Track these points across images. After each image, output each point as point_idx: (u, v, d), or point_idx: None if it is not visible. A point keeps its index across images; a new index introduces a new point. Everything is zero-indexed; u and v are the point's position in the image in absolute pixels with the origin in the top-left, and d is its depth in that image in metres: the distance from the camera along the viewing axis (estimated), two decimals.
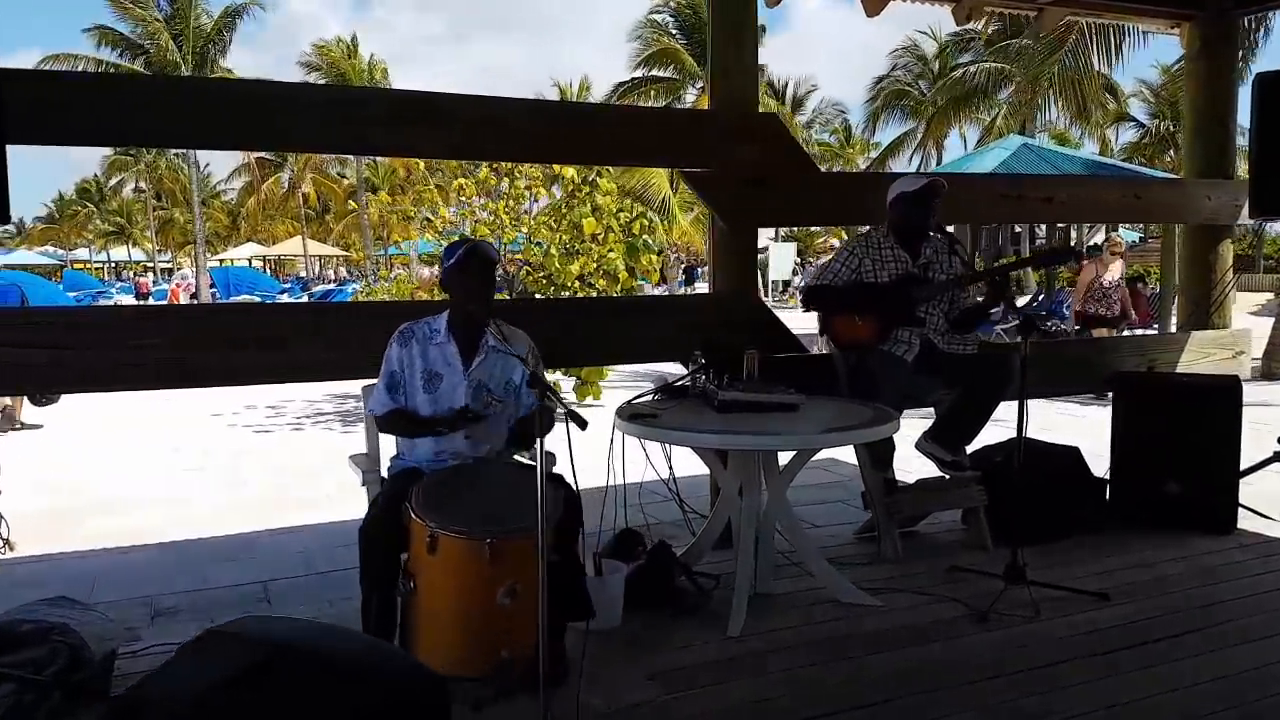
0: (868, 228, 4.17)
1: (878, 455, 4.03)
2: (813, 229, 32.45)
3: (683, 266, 33.65)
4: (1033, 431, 6.36)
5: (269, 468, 7.40)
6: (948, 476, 4.18)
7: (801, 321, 4.62)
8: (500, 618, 2.53)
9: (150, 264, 53.56)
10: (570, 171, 8.39)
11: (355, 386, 3.64)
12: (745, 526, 3.45)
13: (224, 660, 1.39)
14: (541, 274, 8.32)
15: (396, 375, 3.01)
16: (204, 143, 3.61)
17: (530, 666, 2.62)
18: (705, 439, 3.33)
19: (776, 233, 34.48)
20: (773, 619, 3.37)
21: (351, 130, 3.46)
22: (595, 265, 8.28)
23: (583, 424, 2.24)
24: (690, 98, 30.69)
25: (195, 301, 26.71)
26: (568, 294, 7.97)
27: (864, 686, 2.89)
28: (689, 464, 3.88)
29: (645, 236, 8.24)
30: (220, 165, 53.19)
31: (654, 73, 30.78)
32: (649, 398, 3.83)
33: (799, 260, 32.40)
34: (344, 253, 45.49)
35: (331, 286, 24.60)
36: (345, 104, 3.64)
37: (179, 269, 45.49)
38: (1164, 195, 5.41)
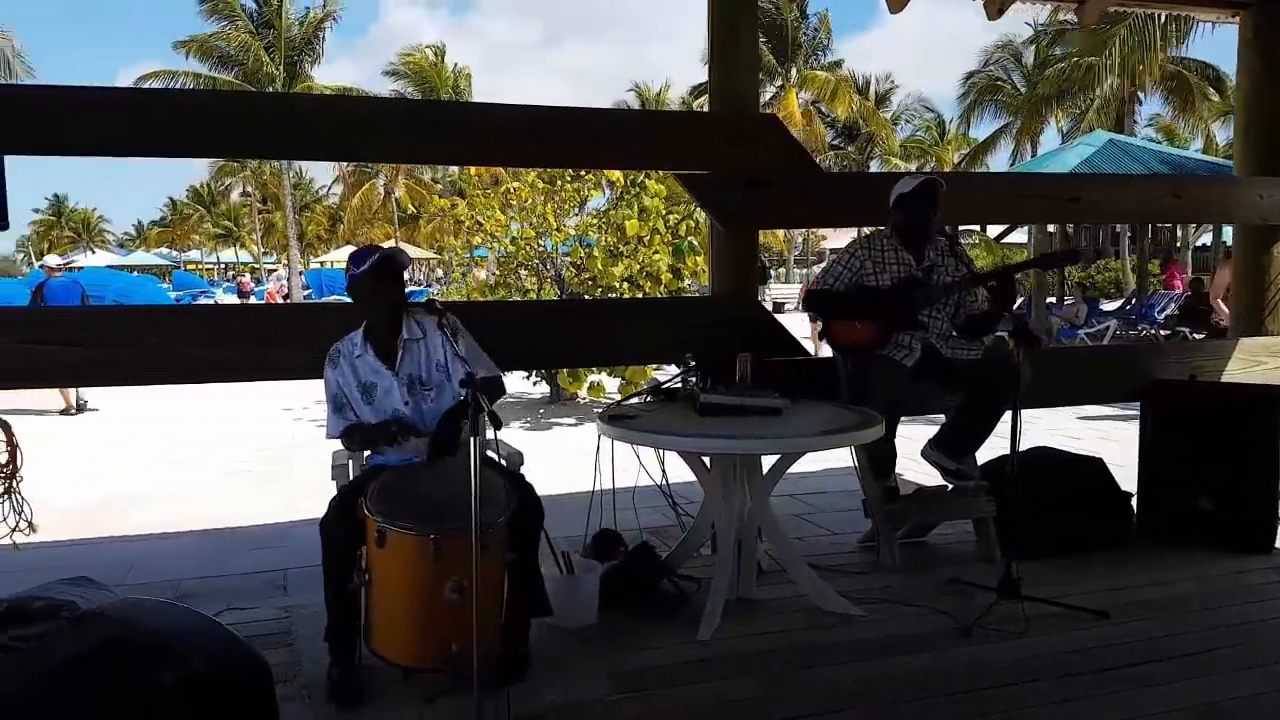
0: (871, 229, 4.09)
1: (877, 462, 3.95)
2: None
3: (756, 266, 33.32)
4: (1088, 442, 6.13)
5: (322, 461, 7.65)
6: (950, 486, 4.07)
7: None
8: (449, 612, 2.57)
9: (256, 265, 55.81)
10: (617, 174, 8.44)
11: None
12: (724, 531, 3.44)
13: (82, 639, 1.49)
14: (586, 275, 8.39)
15: (339, 397, 3.08)
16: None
17: (483, 661, 2.69)
18: (681, 442, 3.31)
19: (859, 233, 33.96)
20: (749, 624, 3.34)
21: (341, 141, 3.58)
22: (639, 267, 8.30)
23: (499, 424, 2.30)
24: (767, 95, 30.52)
25: (288, 301, 27.78)
26: (614, 296, 8.03)
27: (827, 694, 2.84)
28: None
29: (691, 238, 8.23)
30: (321, 171, 55.19)
31: None
32: (640, 399, 3.85)
33: None
34: (435, 254, 46.59)
35: (417, 287, 25.30)
36: (339, 114, 3.75)
37: (272, 271, 47.33)
38: (1209, 194, 5.12)
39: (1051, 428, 7.59)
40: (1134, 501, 4.35)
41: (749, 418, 3.40)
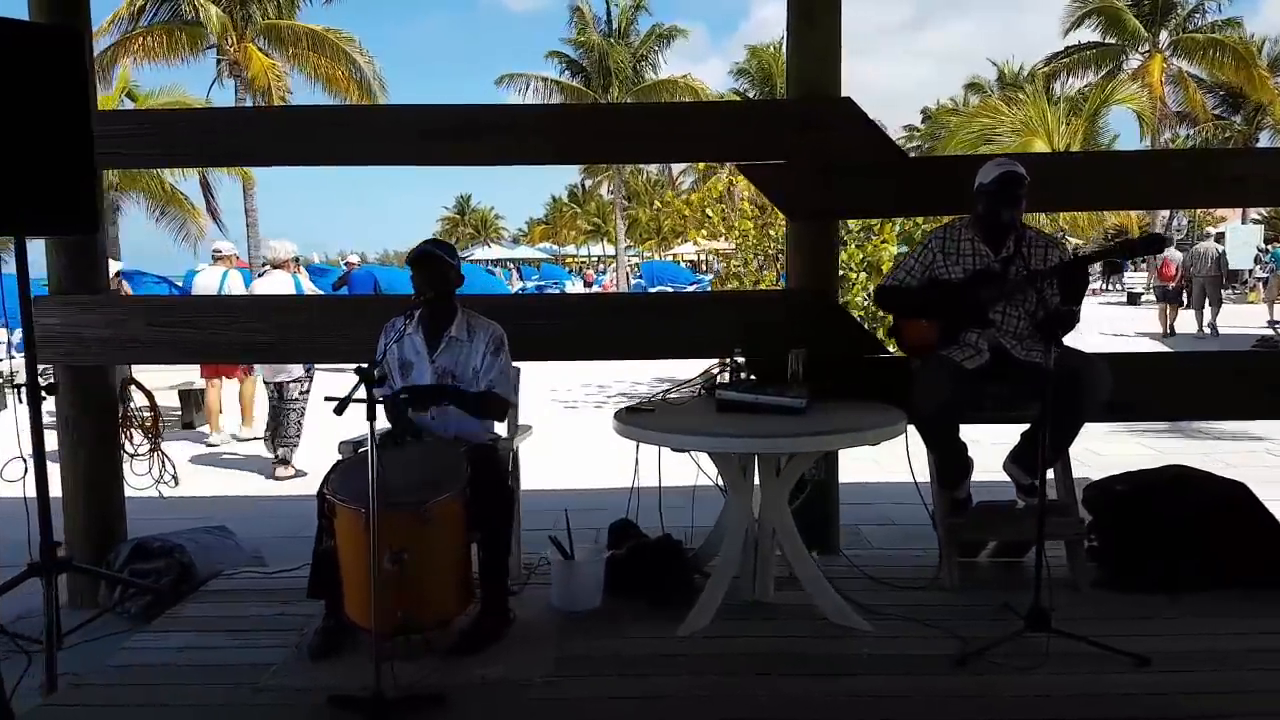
0: (950, 218, 3.75)
1: (943, 471, 3.63)
2: None
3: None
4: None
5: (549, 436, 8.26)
6: (1021, 503, 3.63)
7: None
8: (390, 581, 2.84)
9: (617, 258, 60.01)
10: None
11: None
12: (731, 530, 3.39)
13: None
14: None
15: (382, 366, 3.43)
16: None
17: (432, 629, 2.97)
18: (682, 440, 3.28)
19: (1244, 214, 29.31)
20: (743, 627, 3.27)
21: (416, 146, 3.98)
22: (862, 258, 7.99)
23: (339, 410, 2.56)
24: (1133, 64, 27.25)
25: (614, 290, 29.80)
26: None
27: (765, 705, 2.76)
28: None
29: (929, 227, 7.72)
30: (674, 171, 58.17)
31: (1091, 38, 27.76)
32: (690, 394, 3.85)
33: (1264, 246, 27.20)
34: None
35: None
36: (411, 122, 4.08)
37: (609, 264, 50.66)
38: None
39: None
40: None
41: (764, 416, 3.32)
